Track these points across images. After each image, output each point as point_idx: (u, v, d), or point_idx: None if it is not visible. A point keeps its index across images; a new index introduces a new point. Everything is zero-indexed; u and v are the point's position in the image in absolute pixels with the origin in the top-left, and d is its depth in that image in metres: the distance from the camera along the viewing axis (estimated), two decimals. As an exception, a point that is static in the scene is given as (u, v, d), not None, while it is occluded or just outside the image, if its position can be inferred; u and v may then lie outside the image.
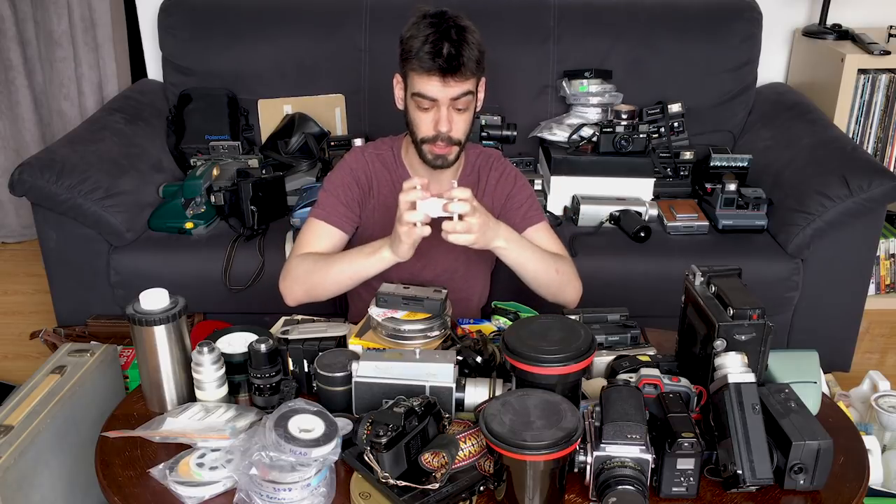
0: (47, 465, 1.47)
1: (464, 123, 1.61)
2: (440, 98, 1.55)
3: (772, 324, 1.25)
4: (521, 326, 1.30)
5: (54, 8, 2.96)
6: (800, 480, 1.15)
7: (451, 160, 1.65)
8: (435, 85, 1.54)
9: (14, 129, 3.22)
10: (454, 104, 1.57)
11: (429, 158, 1.64)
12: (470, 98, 1.59)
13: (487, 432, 1.09)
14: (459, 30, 1.53)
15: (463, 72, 1.53)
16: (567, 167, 2.45)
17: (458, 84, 1.54)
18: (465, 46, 1.52)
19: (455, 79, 1.53)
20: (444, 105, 1.56)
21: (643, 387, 1.23)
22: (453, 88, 1.54)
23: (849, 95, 2.62)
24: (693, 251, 2.26)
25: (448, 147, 1.61)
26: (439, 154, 1.62)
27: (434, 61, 1.51)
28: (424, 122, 1.60)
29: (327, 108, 2.72)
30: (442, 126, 1.58)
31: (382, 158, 1.77)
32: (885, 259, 2.84)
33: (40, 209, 2.22)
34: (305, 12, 2.71)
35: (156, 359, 1.35)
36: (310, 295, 1.68)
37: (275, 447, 1.13)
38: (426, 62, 1.51)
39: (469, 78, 1.55)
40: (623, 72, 2.66)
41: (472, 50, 1.54)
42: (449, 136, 1.60)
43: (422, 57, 1.52)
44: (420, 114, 1.60)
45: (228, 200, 2.36)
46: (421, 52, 1.52)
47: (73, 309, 2.32)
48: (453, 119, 1.58)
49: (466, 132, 1.63)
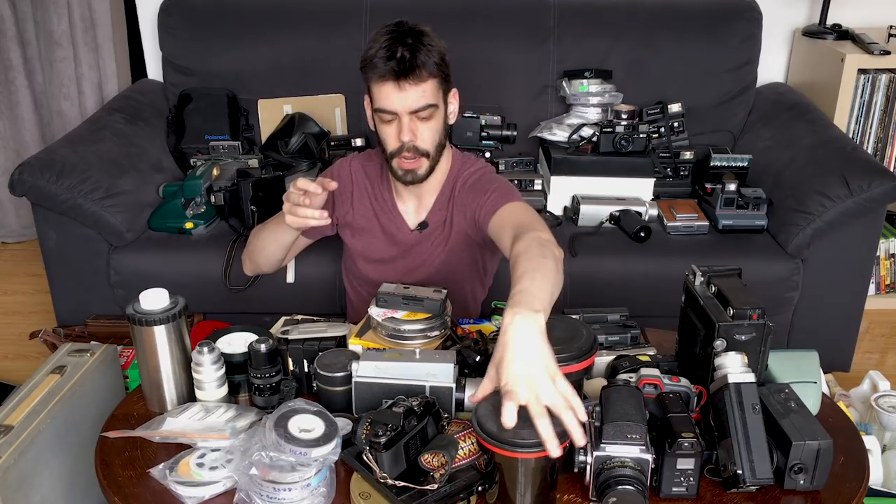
0: (47, 465, 1.47)
1: (430, 133, 1.58)
2: (399, 109, 1.53)
3: (772, 324, 1.24)
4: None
5: (54, 8, 2.96)
6: (800, 480, 1.15)
7: (422, 174, 1.62)
8: (391, 92, 1.51)
9: (14, 129, 3.22)
10: (416, 115, 1.54)
11: (399, 174, 1.62)
12: (432, 110, 1.55)
13: (480, 430, 1.09)
14: (416, 34, 1.51)
15: (418, 73, 1.49)
16: (567, 167, 2.45)
17: (414, 87, 1.51)
18: (420, 49, 1.50)
19: (410, 82, 1.50)
20: (404, 115, 1.53)
21: (643, 387, 1.23)
22: (409, 94, 1.51)
23: (849, 95, 2.62)
24: (693, 251, 2.26)
25: (416, 159, 1.59)
26: (407, 169, 1.60)
27: (387, 65, 1.49)
28: (389, 136, 1.58)
29: (327, 108, 2.72)
30: (404, 136, 1.55)
31: (367, 171, 1.77)
32: (885, 259, 2.84)
33: (40, 209, 2.22)
34: (305, 12, 2.71)
35: (156, 359, 1.35)
36: (256, 265, 1.85)
37: (275, 447, 1.13)
38: (380, 68, 1.50)
39: (425, 80, 1.51)
40: (623, 72, 2.66)
41: (430, 54, 1.51)
42: (415, 147, 1.57)
43: (376, 63, 1.50)
44: (384, 128, 1.58)
45: (228, 200, 2.36)
46: (375, 59, 1.50)
47: (73, 309, 2.32)
48: (417, 129, 1.56)
49: (434, 142, 1.59)
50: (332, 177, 1.75)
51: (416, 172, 1.61)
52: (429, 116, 1.56)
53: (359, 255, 1.82)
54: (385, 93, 1.52)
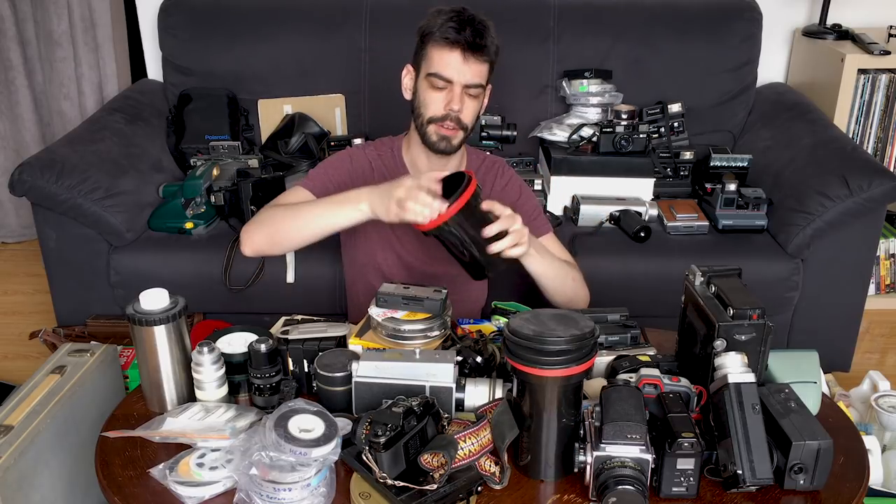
0: (47, 465, 1.47)
1: (472, 111, 1.64)
2: (456, 79, 1.58)
3: (772, 324, 1.24)
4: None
5: (54, 8, 2.96)
6: (800, 480, 1.15)
7: (455, 145, 1.66)
8: (456, 60, 1.57)
9: (14, 129, 3.22)
10: (467, 90, 1.60)
11: (433, 140, 1.65)
12: (481, 90, 1.62)
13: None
14: (482, 22, 1.59)
15: (484, 53, 1.57)
16: (567, 167, 2.45)
17: (476, 64, 1.58)
18: (486, 34, 1.58)
19: (475, 58, 1.57)
20: (458, 86, 1.59)
21: (643, 387, 1.23)
22: (471, 69, 1.58)
23: (849, 95, 2.62)
24: (693, 251, 2.26)
25: (455, 129, 1.64)
26: (445, 135, 1.64)
27: (460, 34, 1.55)
28: (435, 102, 1.62)
29: (327, 108, 2.72)
30: (454, 104, 1.60)
31: (384, 159, 1.77)
32: (885, 259, 2.84)
33: (40, 209, 2.22)
34: (305, 12, 2.71)
35: (156, 359, 1.35)
36: (271, 241, 1.63)
37: (275, 447, 1.13)
38: (450, 34, 1.55)
39: (485, 62, 1.59)
40: (623, 72, 2.66)
41: (493, 39, 1.59)
42: (458, 118, 1.62)
43: (447, 30, 1.56)
44: (432, 93, 1.62)
45: (228, 200, 2.36)
46: (445, 26, 1.56)
47: (73, 309, 2.32)
48: (465, 102, 1.61)
49: (473, 121, 1.66)
50: (348, 163, 1.75)
51: (451, 141, 1.65)
52: (476, 95, 1.63)
53: (381, 243, 1.79)
54: (448, 60, 1.58)
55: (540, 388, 1.17)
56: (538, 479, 1.21)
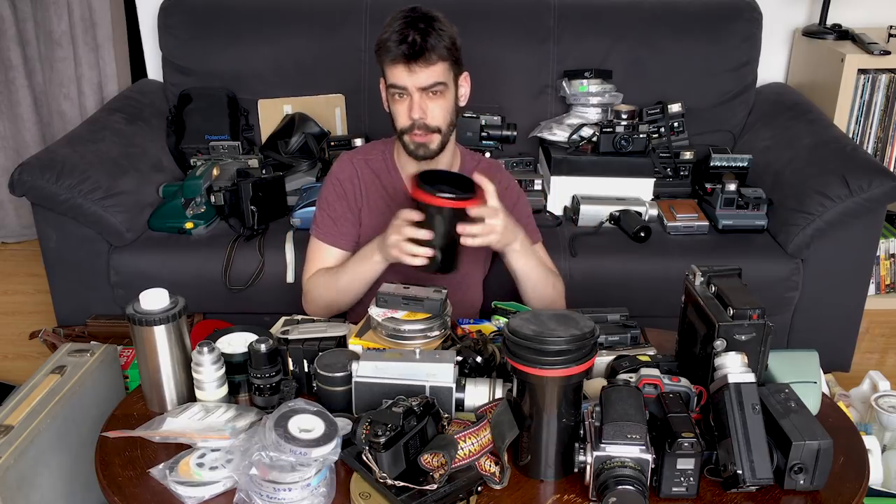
0: (47, 465, 1.47)
1: (440, 111, 1.64)
2: (408, 85, 1.59)
3: (772, 324, 1.25)
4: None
5: (54, 8, 2.96)
6: (800, 480, 1.15)
7: (434, 149, 1.67)
8: (401, 72, 1.58)
9: (14, 129, 3.22)
10: (425, 93, 1.60)
11: (411, 149, 1.67)
12: (442, 88, 1.61)
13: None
14: (427, 20, 1.58)
15: (427, 57, 1.57)
16: (567, 167, 2.45)
17: (424, 70, 1.58)
18: (430, 34, 1.57)
19: (419, 65, 1.57)
20: (414, 93, 1.60)
21: (643, 387, 1.23)
22: (419, 75, 1.58)
23: (849, 95, 2.62)
24: (693, 251, 2.26)
25: (427, 135, 1.64)
26: (419, 143, 1.65)
27: (398, 48, 1.56)
28: (400, 113, 1.64)
29: (327, 108, 2.72)
30: (414, 113, 1.61)
31: (372, 164, 1.78)
32: (885, 259, 2.84)
33: (40, 209, 2.22)
34: (305, 12, 2.71)
35: (156, 359, 1.35)
36: (332, 309, 1.75)
37: (275, 447, 1.13)
38: (392, 51, 1.57)
39: (434, 63, 1.58)
40: (623, 72, 2.66)
41: (440, 38, 1.58)
42: (425, 124, 1.63)
43: (389, 47, 1.57)
44: (396, 105, 1.64)
45: (228, 200, 2.36)
46: (388, 43, 1.57)
47: (73, 309, 2.32)
48: (426, 106, 1.62)
49: (446, 120, 1.66)
50: (335, 182, 1.78)
51: (427, 147, 1.66)
52: (438, 94, 1.62)
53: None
54: (396, 73, 1.60)
55: (540, 388, 1.17)
56: (538, 479, 1.21)
